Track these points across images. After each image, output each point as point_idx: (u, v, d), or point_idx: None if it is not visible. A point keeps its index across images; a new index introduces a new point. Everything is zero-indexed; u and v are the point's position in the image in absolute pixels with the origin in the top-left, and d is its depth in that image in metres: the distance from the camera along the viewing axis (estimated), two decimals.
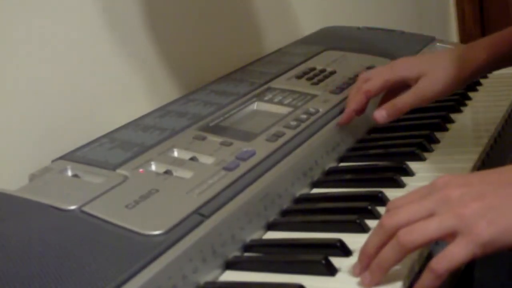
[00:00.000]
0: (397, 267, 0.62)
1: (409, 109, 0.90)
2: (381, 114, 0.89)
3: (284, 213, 0.79)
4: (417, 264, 0.64)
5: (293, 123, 0.90)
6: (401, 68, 0.93)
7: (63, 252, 0.63)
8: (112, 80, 0.99)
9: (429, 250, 0.65)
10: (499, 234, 0.57)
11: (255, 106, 0.97)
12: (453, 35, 2.25)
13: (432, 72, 0.90)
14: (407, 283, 0.62)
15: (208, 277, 0.66)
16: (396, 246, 0.60)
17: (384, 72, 0.94)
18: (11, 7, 0.84)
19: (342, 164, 0.91)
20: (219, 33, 1.21)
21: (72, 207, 0.69)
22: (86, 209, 0.69)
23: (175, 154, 0.82)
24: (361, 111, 0.94)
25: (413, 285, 0.60)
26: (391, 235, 0.60)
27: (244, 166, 0.78)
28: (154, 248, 0.63)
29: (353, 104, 0.93)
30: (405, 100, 0.90)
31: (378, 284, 0.61)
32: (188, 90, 1.06)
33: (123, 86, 1.01)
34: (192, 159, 0.80)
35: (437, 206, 0.60)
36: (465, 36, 2.25)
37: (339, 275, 0.63)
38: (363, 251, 0.62)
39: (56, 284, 0.58)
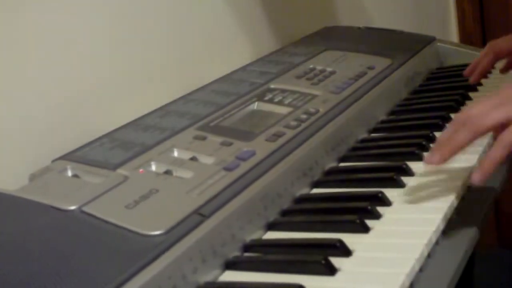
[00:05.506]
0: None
1: None
2: None
3: (284, 213, 0.79)
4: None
5: (293, 123, 0.90)
6: None
7: (63, 252, 0.63)
8: (112, 80, 0.99)
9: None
10: None
11: (255, 106, 0.97)
12: (453, 35, 2.25)
13: None
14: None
15: (208, 277, 0.66)
16: (466, 127, 0.69)
17: None
18: (11, 7, 0.84)
19: (342, 164, 0.91)
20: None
21: (72, 207, 0.69)
22: (86, 209, 0.69)
23: (175, 154, 0.82)
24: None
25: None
26: (464, 123, 0.68)
27: (244, 166, 0.78)
28: (154, 248, 0.63)
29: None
30: None
31: (444, 160, 0.70)
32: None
33: (123, 86, 1.00)
34: (192, 159, 0.80)
35: (504, 100, 0.70)
36: (465, 36, 2.24)
37: (339, 275, 0.63)
38: (438, 140, 0.70)
39: (56, 284, 0.58)
